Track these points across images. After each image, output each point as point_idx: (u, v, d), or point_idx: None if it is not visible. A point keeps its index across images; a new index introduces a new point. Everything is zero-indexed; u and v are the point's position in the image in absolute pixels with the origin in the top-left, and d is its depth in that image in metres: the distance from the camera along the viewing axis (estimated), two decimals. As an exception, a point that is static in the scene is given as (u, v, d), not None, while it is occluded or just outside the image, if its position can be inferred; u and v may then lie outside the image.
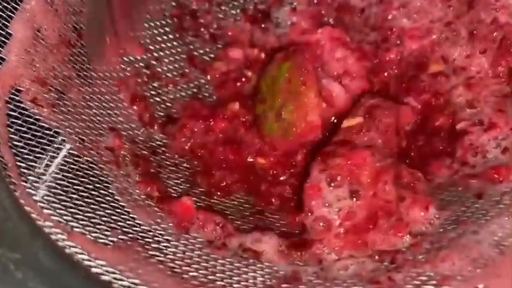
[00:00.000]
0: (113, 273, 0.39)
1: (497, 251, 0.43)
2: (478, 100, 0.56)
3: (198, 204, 0.51)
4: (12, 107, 0.46)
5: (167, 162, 0.56)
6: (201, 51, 0.65)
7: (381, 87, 0.61)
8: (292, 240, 0.48)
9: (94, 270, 0.39)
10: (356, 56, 0.60)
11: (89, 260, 0.39)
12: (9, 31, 0.47)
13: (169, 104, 0.61)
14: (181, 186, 0.54)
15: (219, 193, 0.55)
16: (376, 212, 0.47)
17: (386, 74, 0.61)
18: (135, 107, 0.58)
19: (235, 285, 0.43)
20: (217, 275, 0.44)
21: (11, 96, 0.46)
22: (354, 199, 0.47)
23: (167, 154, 0.57)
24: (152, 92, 0.61)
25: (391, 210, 0.47)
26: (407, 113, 0.57)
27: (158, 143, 0.57)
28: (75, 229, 0.41)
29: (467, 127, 0.54)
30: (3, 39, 0.47)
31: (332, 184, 0.48)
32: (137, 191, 0.49)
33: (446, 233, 0.46)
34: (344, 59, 0.59)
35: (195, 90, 0.63)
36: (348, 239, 0.47)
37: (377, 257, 0.46)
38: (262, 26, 0.66)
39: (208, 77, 0.64)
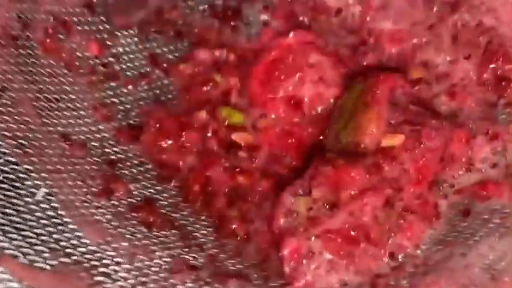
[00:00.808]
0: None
1: (489, 276, 0.39)
2: (462, 109, 0.53)
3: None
4: None
5: (126, 172, 0.51)
6: (165, 49, 0.60)
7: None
8: None
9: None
10: (331, 61, 0.56)
11: (19, 289, 0.33)
12: None
13: (128, 106, 0.55)
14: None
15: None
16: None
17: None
18: (90, 110, 0.53)
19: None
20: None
21: None
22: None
23: (126, 163, 0.52)
24: (110, 93, 0.55)
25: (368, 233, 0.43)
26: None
27: (114, 149, 0.52)
28: (6, 251, 0.35)
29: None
30: None
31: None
32: (86, 204, 0.44)
33: (432, 254, 0.43)
34: (319, 65, 0.55)
35: (157, 91, 0.58)
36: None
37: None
38: (232, 24, 0.61)
39: (172, 79, 0.59)
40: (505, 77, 0.53)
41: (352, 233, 0.44)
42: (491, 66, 0.53)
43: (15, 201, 0.41)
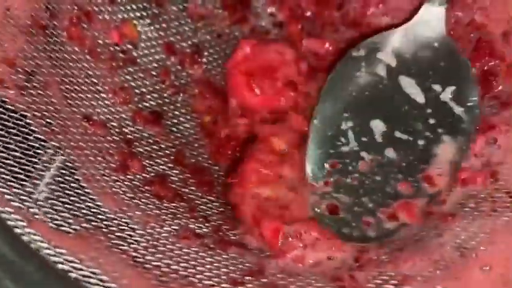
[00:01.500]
0: (73, 262, 0.39)
1: (459, 254, 0.44)
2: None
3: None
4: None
5: (141, 150, 0.55)
6: (178, 38, 0.63)
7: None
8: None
9: (52, 258, 0.38)
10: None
11: (48, 249, 0.39)
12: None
13: (144, 91, 0.59)
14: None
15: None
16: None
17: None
18: (110, 93, 0.57)
19: (197, 276, 0.43)
20: (181, 264, 0.44)
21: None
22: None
23: (141, 142, 0.56)
24: (128, 78, 0.59)
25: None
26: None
27: (131, 129, 0.56)
28: (36, 216, 0.41)
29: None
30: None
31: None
32: (105, 178, 0.49)
33: (411, 233, 0.47)
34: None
35: (172, 77, 0.61)
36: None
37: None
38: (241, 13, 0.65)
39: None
40: (492, 71, 0.56)
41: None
42: (480, 61, 0.56)
43: (42, 173, 0.45)
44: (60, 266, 0.38)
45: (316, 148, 0.53)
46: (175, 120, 0.60)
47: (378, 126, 0.53)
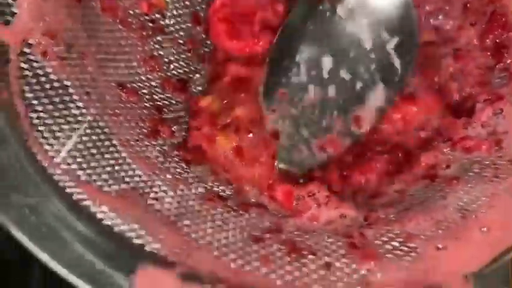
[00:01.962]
0: (115, 218, 0.44)
1: (460, 215, 0.47)
2: (462, 71, 0.59)
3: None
4: (23, 59, 0.49)
5: (170, 116, 0.58)
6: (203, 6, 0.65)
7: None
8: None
9: (98, 215, 0.44)
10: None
11: (94, 206, 0.44)
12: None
13: (171, 59, 0.62)
14: None
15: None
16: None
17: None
18: (140, 61, 0.59)
19: (223, 234, 0.48)
20: (208, 223, 0.48)
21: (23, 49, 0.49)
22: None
23: (170, 109, 0.59)
24: (156, 46, 0.62)
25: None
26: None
27: (161, 96, 0.60)
28: (81, 177, 0.46)
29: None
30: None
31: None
32: (139, 143, 0.53)
33: (417, 193, 0.51)
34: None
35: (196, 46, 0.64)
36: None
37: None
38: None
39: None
40: (504, 44, 0.58)
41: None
42: (494, 33, 0.58)
43: (84, 138, 0.49)
44: (105, 222, 0.43)
45: (270, 76, 0.57)
46: (200, 88, 0.63)
47: (327, 62, 0.57)
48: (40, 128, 0.47)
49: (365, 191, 0.53)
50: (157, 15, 0.63)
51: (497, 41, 0.58)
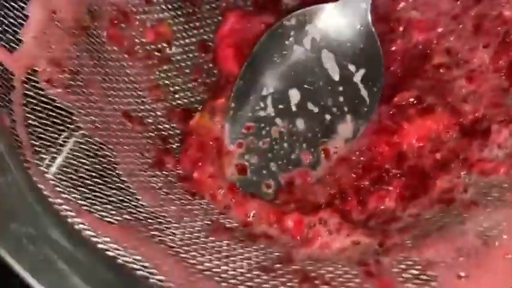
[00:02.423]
0: (118, 249, 0.42)
1: (481, 242, 0.45)
2: (475, 93, 0.57)
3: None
4: (28, 87, 0.49)
5: (175, 146, 0.57)
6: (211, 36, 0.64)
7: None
8: None
9: (99, 246, 0.42)
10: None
11: (95, 237, 0.42)
12: (26, 13, 0.49)
13: (177, 88, 0.61)
14: None
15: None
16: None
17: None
18: (146, 91, 0.59)
19: (230, 265, 0.46)
20: (214, 255, 0.46)
21: (27, 77, 0.49)
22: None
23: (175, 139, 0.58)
24: (162, 75, 0.61)
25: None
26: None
27: (166, 126, 0.59)
28: (83, 207, 0.44)
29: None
30: (20, 21, 0.49)
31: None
32: (143, 173, 0.52)
33: (434, 219, 0.48)
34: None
35: (203, 75, 0.63)
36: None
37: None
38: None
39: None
40: (518, 65, 0.57)
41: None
42: (507, 54, 0.57)
43: (88, 167, 0.49)
44: (107, 253, 0.41)
45: (237, 110, 0.56)
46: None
47: (294, 95, 0.56)
48: (42, 156, 0.46)
49: (378, 216, 0.51)
50: (164, 44, 0.63)
51: (511, 62, 0.56)
